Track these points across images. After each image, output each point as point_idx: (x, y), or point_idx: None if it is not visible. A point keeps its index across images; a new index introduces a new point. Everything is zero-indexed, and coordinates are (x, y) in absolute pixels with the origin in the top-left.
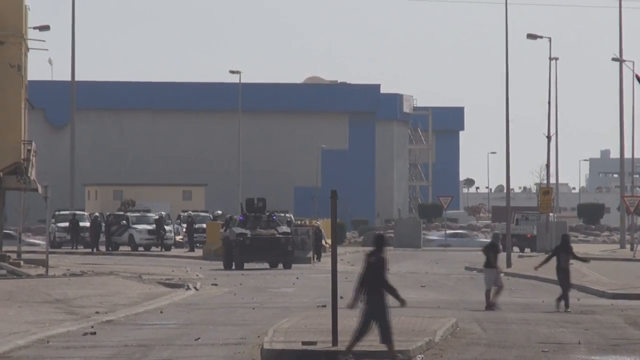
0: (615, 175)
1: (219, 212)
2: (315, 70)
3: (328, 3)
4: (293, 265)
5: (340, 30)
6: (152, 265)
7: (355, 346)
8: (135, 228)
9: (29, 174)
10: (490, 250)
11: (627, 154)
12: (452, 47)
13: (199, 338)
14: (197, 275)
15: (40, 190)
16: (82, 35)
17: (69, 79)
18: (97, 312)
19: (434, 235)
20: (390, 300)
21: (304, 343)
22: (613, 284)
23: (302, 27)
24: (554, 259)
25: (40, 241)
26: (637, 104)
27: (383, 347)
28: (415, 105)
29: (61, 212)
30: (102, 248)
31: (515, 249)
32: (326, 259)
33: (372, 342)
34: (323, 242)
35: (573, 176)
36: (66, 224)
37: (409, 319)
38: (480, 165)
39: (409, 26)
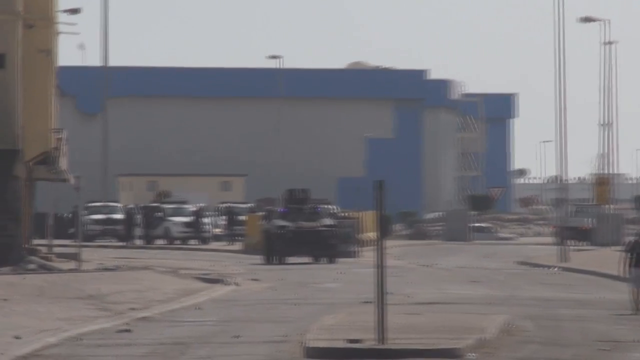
0: None
1: (252, 204)
2: (359, 55)
3: None
4: (337, 259)
5: (385, 13)
6: (189, 260)
7: None
8: (171, 220)
9: (59, 164)
10: (635, 249)
11: None
12: (503, 30)
13: (239, 336)
14: (236, 270)
15: (71, 181)
16: (114, 18)
17: (101, 64)
18: (132, 309)
19: None
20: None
21: (348, 341)
22: None
23: (345, 10)
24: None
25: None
26: None
27: (432, 345)
28: (464, 92)
29: (93, 204)
30: (137, 241)
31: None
32: (372, 253)
33: (419, 339)
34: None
35: (631, 166)
36: (101, 216)
37: (459, 315)
38: (533, 155)
39: (457, 8)
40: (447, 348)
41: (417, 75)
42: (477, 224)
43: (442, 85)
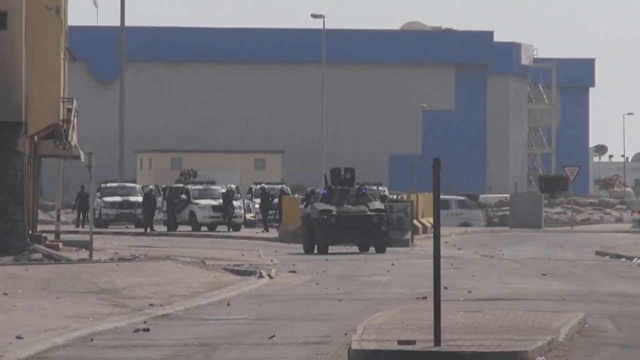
0: None
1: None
2: (415, 15)
3: None
4: (387, 248)
5: None
6: (218, 249)
7: None
8: (197, 204)
9: (69, 138)
10: None
11: None
12: None
13: (274, 336)
14: (271, 261)
15: (82, 157)
16: None
17: (117, 24)
18: (151, 305)
19: None
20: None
21: (400, 342)
22: None
23: None
24: None
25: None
26: None
27: (495, 348)
28: (535, 57)
29: (108, 185)
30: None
31: None
32: (428, 242)
33: (481, 340)
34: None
35: None
36: (117, 199)
37: (527, 313)
38: (614, 129)
39: None
40: (512, 351)
41: (481, 38)
42: None
43: (510, 49)
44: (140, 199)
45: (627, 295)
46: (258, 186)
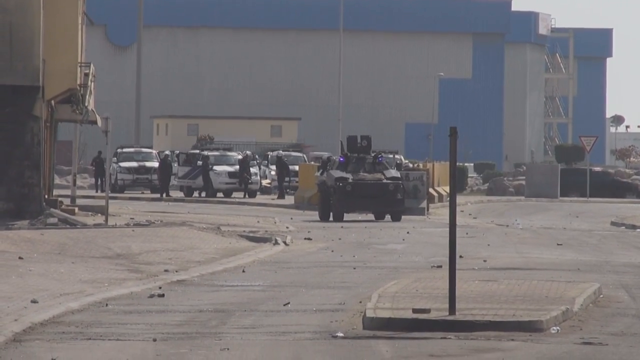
0: None
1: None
2: None
3: None
4: (403, 216)
5: None
6: (233, 215)
7: None
8: (213, 170)
9: (86, 103)
10: None
11: None
12: None
13: (289, 303)
14: (287, 228)
15: (99, 122)
16: None
17: None
18: (166, 270)
19: None
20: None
21: (415, 310)
22: None
23: None
24: None
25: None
26: None
27: (510, 317)
28: (553, 26)
29: (124, 150)
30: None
31: None
32: (443, 210)
33: (495, 310)
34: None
35: None
36: (133, 164)
37: (542, 283)
38: (631, 100)
39: None
40: (526, 320)
41: (499, 6)
42: None
43: (528, 18)
44: (156, 164)
45: None
46: (274, 153)
